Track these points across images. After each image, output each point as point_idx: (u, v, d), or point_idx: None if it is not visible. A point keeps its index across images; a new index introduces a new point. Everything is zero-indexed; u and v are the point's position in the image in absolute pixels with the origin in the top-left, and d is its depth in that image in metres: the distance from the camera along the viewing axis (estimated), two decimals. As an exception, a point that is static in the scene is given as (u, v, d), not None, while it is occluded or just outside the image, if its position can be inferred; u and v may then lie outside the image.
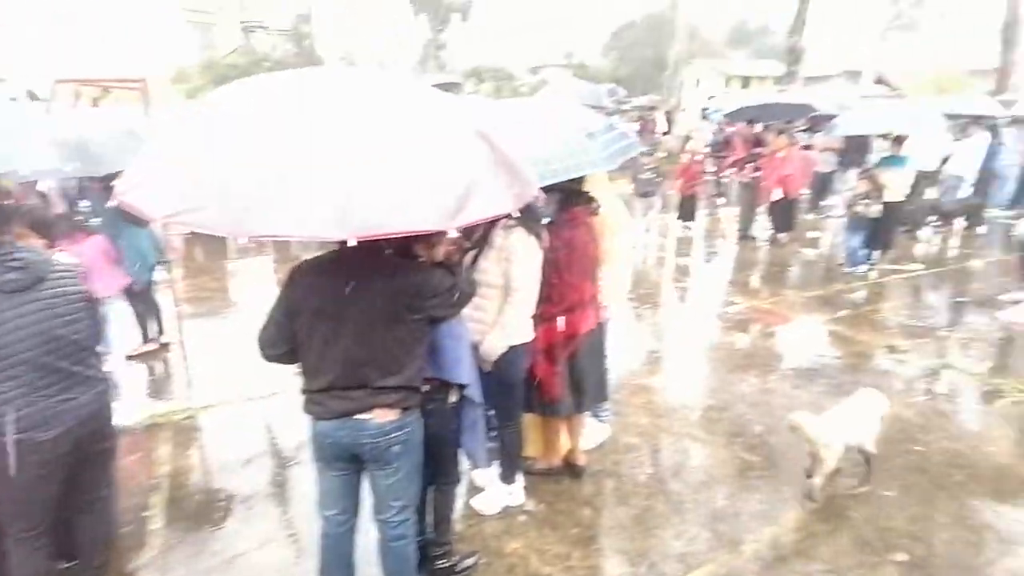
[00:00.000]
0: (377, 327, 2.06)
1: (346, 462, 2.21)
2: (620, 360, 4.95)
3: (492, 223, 2.74)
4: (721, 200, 11.71)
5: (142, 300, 4.92)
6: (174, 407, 4.22)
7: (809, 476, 3.23)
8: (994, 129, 9.67)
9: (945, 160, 9.33)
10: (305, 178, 1.56)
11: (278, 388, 4.10)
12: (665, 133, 20.39)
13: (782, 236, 8.90)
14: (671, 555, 2.91)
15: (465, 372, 2.40)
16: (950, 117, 9.30)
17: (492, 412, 3.06)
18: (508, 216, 2.69)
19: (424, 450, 2.32)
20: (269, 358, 2.17)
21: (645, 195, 9.69)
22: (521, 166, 2.00)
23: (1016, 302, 5.96)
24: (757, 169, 8.89)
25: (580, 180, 2.95)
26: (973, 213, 9.34)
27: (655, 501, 3.29)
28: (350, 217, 1.52)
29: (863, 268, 7.36)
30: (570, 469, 3.48)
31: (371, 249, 1.87)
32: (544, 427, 3.45)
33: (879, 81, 29.59)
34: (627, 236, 3.52)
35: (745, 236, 9.15)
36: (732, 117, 11.60)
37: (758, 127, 10.28)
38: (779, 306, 6.43)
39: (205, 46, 28.40)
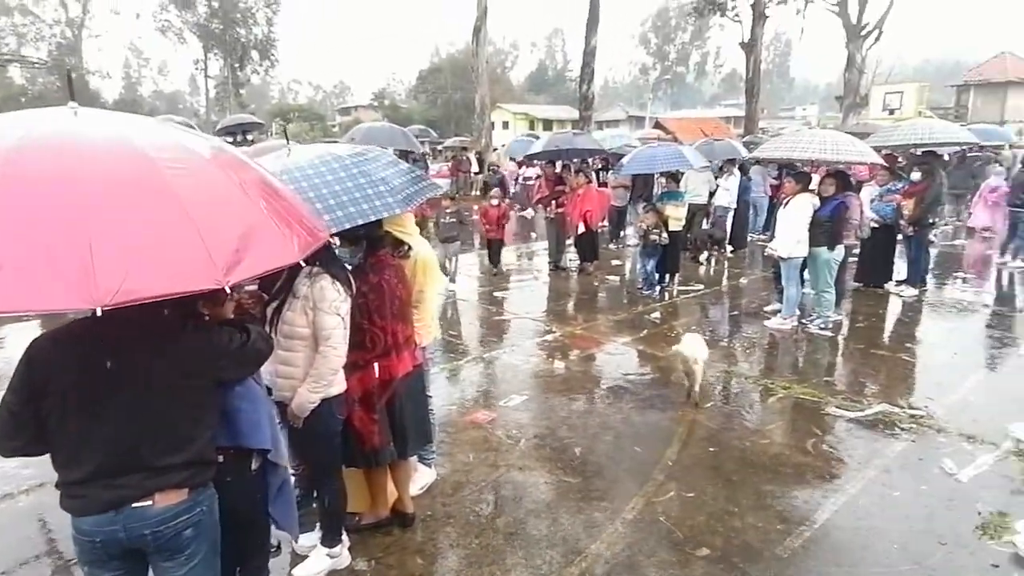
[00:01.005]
0: (153, 399, 1.81)
1: (124, 560, 1.88)
2: (442, 399, 4.96)
3: (294, 272, 2.60)
4: (532, 235, 12.40)
5: None
6: None
7: (689, 394, 4.82)
8: (743, 168, 11.47)
9: (712, 194, 10.84)
10: (37, 238, 1.31)
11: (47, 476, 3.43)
12: (477, 173, 21.24)
13: (588, 265, 9.66)
14: (505, 591, 2.89)
15: (265, 436, 2.19)
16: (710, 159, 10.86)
17: (305, 472, 2.85)
18: (311, 264, 2.59)
19: (225, 529, 2.07)
20: (6, 452, 1.80)
21: (447, 240, 8.42)
22: (305, 213, 1.90)
23: (776, 312, 7.03)
24: (560, 205, 9.57)
25: (378, 223, 2.91)
26: (737, 239, 10.96)
27: (487, 538, 3.27)
28: (97, 282, 1.29)
29: (657, 291, 8.22)
30: (400, 518, 3.36)
31: (139, 310, 1.64)
32: (368, 479, 3.29)
33: (657, 126, 33.72)
34: (438, 276, 3.54)
35: (556, 267, 9.80)
36: (536, 158, 12.40)
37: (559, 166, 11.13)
38: (591, 331, 6.89)
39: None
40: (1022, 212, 9.74)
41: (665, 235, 8.01)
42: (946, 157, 13.23)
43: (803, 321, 6.75)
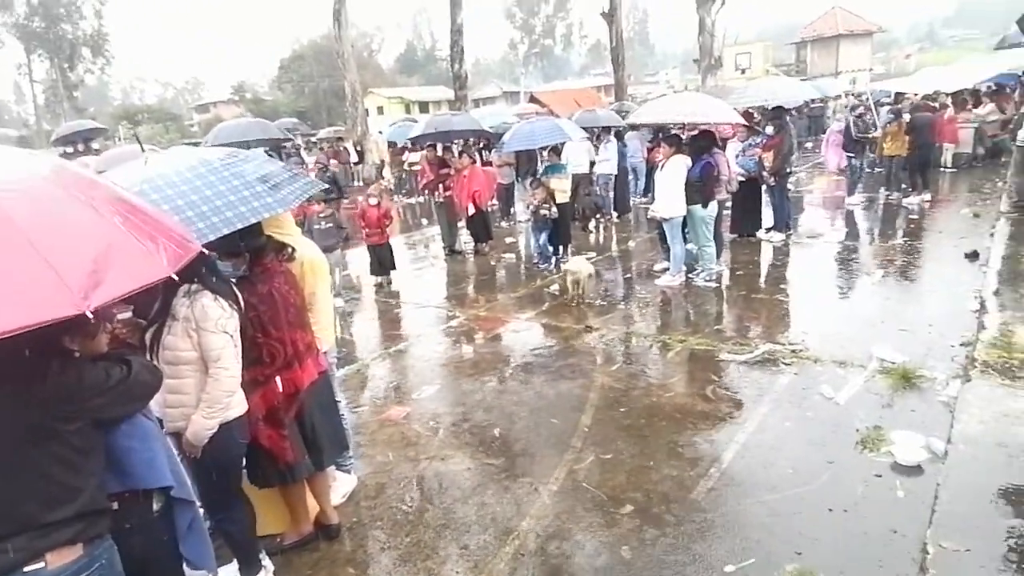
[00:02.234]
0: (27, 451, 1.62)
1: None
2: (353, 402, 4.82)
3: (170, 293, 2.39)
4: (424, 222, 12.22)
5: None
6: None
7: (575, 299, 6.39)
8: (619, 135, 11.89)
9: (593, 164, 11.16)
10: None
11: None
12: (357, 163, 20.55)
13: (483, 246, 9.67)
14: (443, 584, 2.88)
15: (163, 473, 2.01)
16: (586, 128, 11.15)
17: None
18: (188, 281, 2.39)
19: None
20: None
21: (325, 251, 6.75)
22: (170, 224, 1.77)
23: (664, 270, 7.41)
24: (447, 189, 9.48)
25: (258, 229, 2.74)
26: (621, 204, 11.40)
27: (418, 534, 3.23)
28: None
29: (553, 263, 8.39)
30: (324, 531, 3.25)
31: None
32: (286, 496, 3.14)
33: (532, 100, 34.13)
34: (327, 276, 3.39)
35: (452, 251, 9.74)
36: (417, 141, 12.17)
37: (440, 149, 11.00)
38: (494, 311, 6.94)
39: None
40: (853, 156, 10.95)
41: (554, 209, 8.17)
42: (793, 112, 14.47)
43: (690, 276, 7.16)
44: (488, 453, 3.95)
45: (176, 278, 1.60)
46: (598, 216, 10.83)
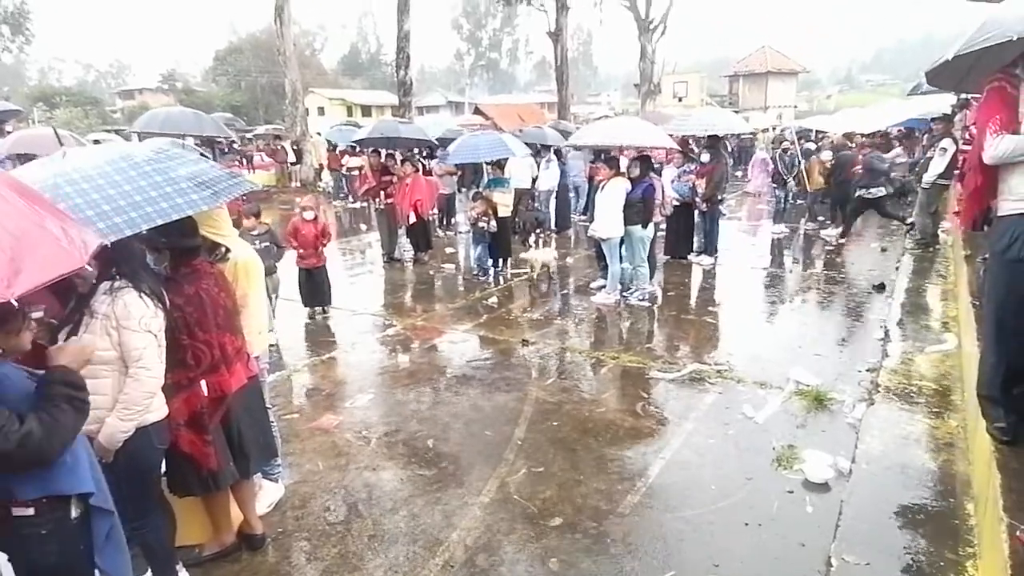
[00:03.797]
0: None
1: None
2: (283, 408, 4.69)
3: (89, 290, 2.28)
4: (363, 227, 12.03)
5: None
6: None
7: (530, 279, 7.17)
8: (560, 154, 12.15)
9: (535, 180, 11.34)
10: None
11: None
12: (294, 163, 20.05)
13: (423, 255, 9.63)
14: (369, 597, 2.84)
15: (85, 478, 1.92)
16: (529, 144, 11.35)
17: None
18: (110, 278, 2.29)
19: None
20: None
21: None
22: (71, 217, 1.79)
23: (601, 288, 7.59)
24: (389, 196, 9.40)
25: (191, 229, 2.65)
26: (561, 220, 11.62)
27: (345, 545, 3.17)
28: None
29: (492, 275, 8.45)
30: (248, 541, 3.14)
31: None
32: (208, 505, 3.02)
33: (477, 111, 34.31)
34: (261, 278, 3.29)
35: (391, 259, 9.64)
36: (362, 144, 12.02)
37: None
38: (431, 321, 6.91)
39: None
40: (776, 188, 11.72)
41: (493, 223, 8.24)
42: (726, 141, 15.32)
43: (624, 295, 7.38)
44: (420, 464, 3.93)
45: (89, 272, 1.61)
46: (538, 231, 10.98)
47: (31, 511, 1.84)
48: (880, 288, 7.42)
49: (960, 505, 3.29)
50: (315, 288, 6.88)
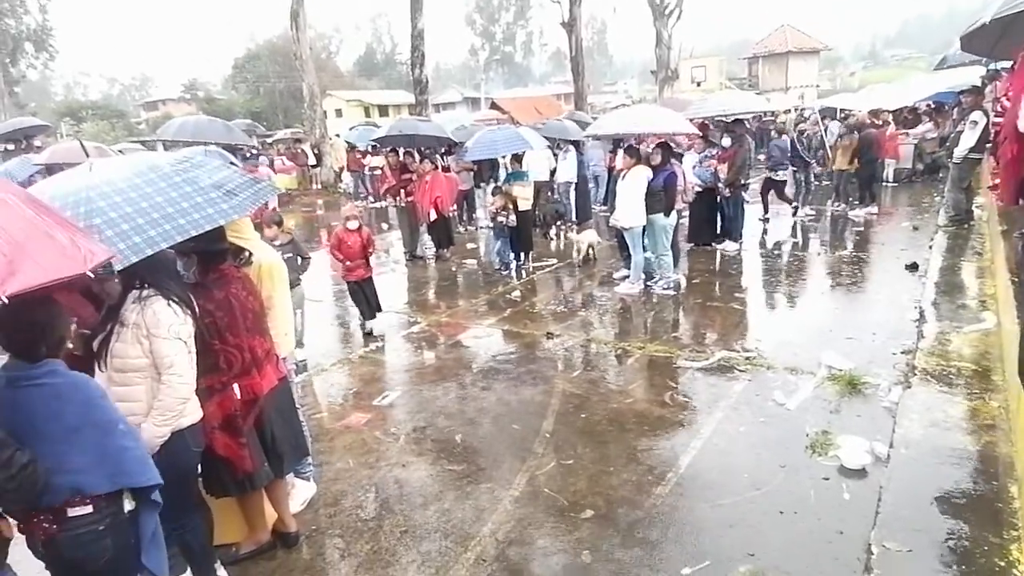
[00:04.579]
0: None
1: None
2: (313, 408, 4.74)
3: (119, 299, 2.33)
4: (384, 226, 12.12)
5: None
6: None
7: (585, 259, 7.72)
8: (578, 145, 12.06)
9: (553, 172, 11.28)
10: None
11: None
12: (315, 166, 20.25)
13: (445, 252, 9.66)
14: (404, 592, 2.86)
15: (154, 471, 2.06)
16: (547, 137, 11.28)
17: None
18: (139, 287, 2.33)
19: None
20: None
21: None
22: (80, 228, 1.88)
23: (624, 278, 7.53)
24: (409, 194, 9.43)
25: (218, 235, 2.68)
26: (582, 211, 11.53)
27: (378, 541, 3.20)
28: None
29: (514, 269, 8.44)
30: (282, 539, 3.20)
31: None
32: (243, 505, 3.08)
33: (493, 106, 34.25)
34: (286, 280, 3.33)
35: (413, 256, 9.69)
36: (383, 143, 12.08)
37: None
38: (456, 317, 6.93)
39: None
40: (797, 171, 11.47)
41: (513, 217, 8.22)
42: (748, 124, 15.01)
43: (648, 284, 7.30)
44: (449, 459, 3.94)
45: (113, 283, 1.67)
46: (559, 223, 10.93)
47: (90, 508, 1.91)
48: (913, 268, 7.22)
49: (1004, 488, 3.19)
50: (365, 300, 6.42)
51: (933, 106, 15.15)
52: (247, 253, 3.01)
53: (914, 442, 3.70)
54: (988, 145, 8.32)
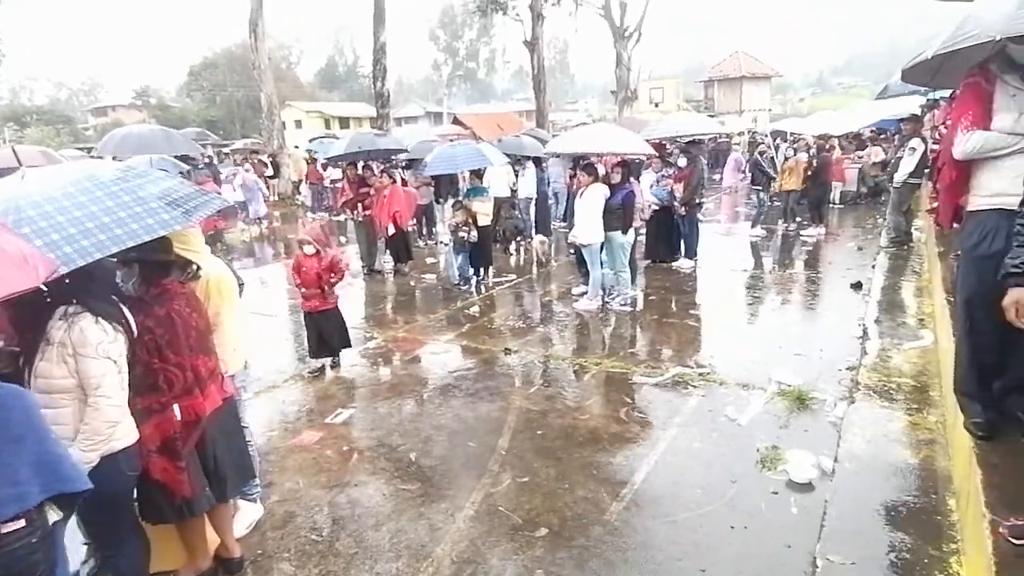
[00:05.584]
0: None
1: None
2: (262, 426, 4.60)
3: (43, 316, 2.21)
4: (343, 240, 11.96)
5: None
6: None
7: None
8: (538, 161, 12.17)
9: (514, 188, 11.34)
10: None
11: None
12: (272, 177, 19.88)
13: (403, 266, 9.57)
14: (353, 618, 2.78)
15: (84, 474, 1.99)
16: (507, 154, 11.35)
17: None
18: (66, 302, 2.22)
19: None
20: None
21: None
22: (23, 241, 1.77)
23: (583, 294, 7.59)
24: (367, 208, 9.33)
25: (162, 247, 2.59)
26: (542, 227, 11.62)
27: (327, 564, 3.11)
28: None
29: (473, 284, 8.42)
30: (225, 566, 3.06)
31: None
32: (182, 531, 2.93)
33: (455, 122, 34.34)
34: (235, 295, 3.23)
35: (371, 271, 9.57)
36: (336, 159, 11.92)
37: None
38: (413, 332, 6.85)
39: None
40: (760, 189, 11.87)
41: (474, 232, 8.22)
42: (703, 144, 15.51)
43: (606, 300, 7.38)
44: (403, 478, 3.87)
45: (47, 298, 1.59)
46: (519, 239, 10.98)
47: (23, 521, 1.81)
48: (857, 287, 7.50)
49: (942, 501, 3.31)
50: (324, 335, 5.68)
51: (875, 132, 15.88)
52: (195, 266, 2.90)
53: (857, 456, 3.82)
54: (927, 171, 8.75)
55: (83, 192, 2.26)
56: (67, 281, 2.08)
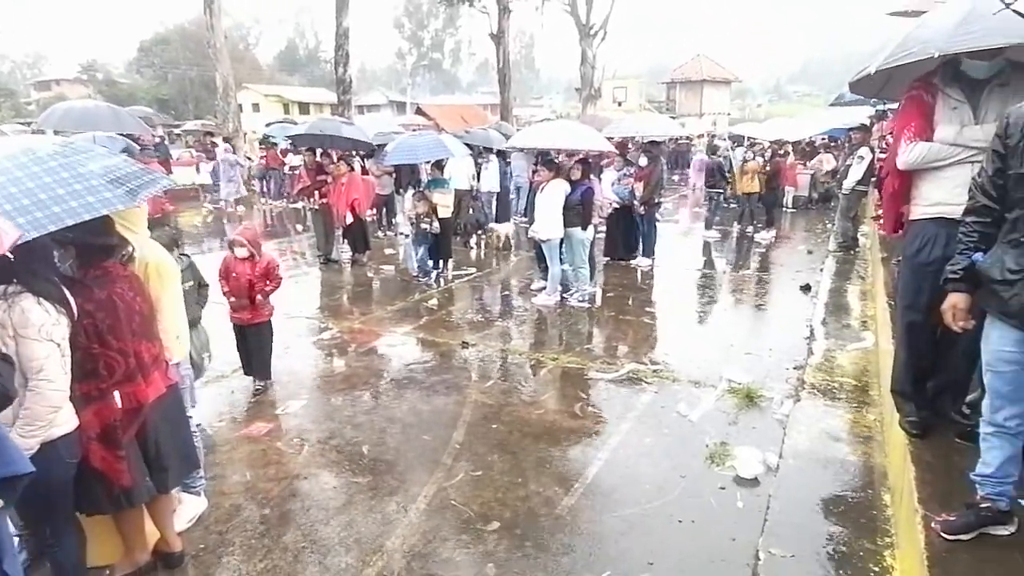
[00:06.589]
0: None
1: None
2: (209, 416, 4.47)
3: None
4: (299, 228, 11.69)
5: None
6: None
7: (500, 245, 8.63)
8: (502, 155, 12.16)
9: (474, 181, 11.29)
10: None
11: None
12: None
13: (361, 256, 9.42)
14: (299, 613, 2.73)
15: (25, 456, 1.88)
16: (470, 147, 11.30)
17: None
18: (5, 282, 2.12)
19: None
20: None
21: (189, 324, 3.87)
22: None
23: (541, 289, 7.62)
24: (324, 195, 9.15)
25: (102, 227, 2.47)
26: (503, 221, 11.62)
27: (274, 558, 3.04)
28: None
29: (433, 277, 8.35)
30: (164, 560, 2.96)
31: None
32: (119, 523, 2.83)
33: (419, 112, 33.99)
34: (175, 280, 3.09)
35: (327, 260, 9.39)
36: (295, 138, 11.66)
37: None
38: (369, 324, 6.75)
39: None
40: (713, 192, 12.15)
41: (436, 223, 8.15)
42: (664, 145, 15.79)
43: (564, 296, 7.42)
44: (355, 471, 3.82)
45: None
46: (479, 232, 10.95)
47: None
48: (806, 289, 7.75)
49: (878, 496, 3.46)
50: (250, 351, 5.03)
51: (828, 140, 16.44)
52: (130, 248, 2.75)
53: (801, 452, 3.95)
54: (873, 179, 9.10)
55: (19, 167, 2.14)
56: (7, 259, 1.96)
